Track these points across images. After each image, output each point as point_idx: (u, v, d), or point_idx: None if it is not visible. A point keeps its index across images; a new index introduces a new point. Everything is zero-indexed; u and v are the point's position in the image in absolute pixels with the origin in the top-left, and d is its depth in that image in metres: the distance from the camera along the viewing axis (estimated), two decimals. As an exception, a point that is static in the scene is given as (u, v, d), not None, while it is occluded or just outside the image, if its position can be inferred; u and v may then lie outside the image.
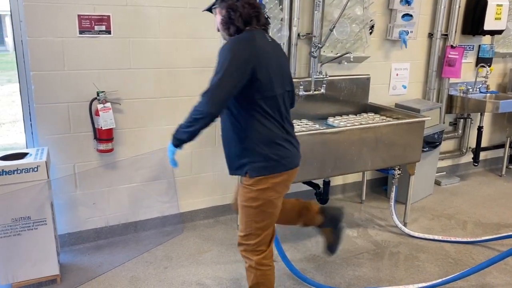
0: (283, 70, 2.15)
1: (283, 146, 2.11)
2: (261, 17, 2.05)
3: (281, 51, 2.21)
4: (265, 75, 1.98)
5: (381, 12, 3.83)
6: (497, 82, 4.79)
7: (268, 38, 2.09)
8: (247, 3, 2.00)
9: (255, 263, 2.20)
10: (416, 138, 3.31)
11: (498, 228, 3.60)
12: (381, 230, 3.51)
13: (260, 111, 2.02)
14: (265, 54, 2.00)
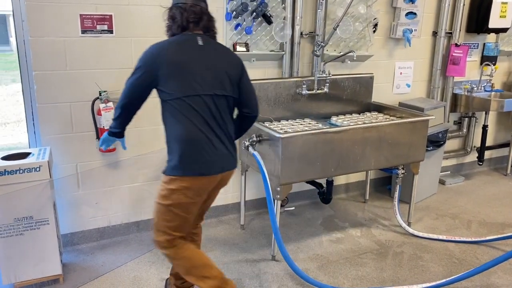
0: (215, 73, 2.09)
1: (203, 149, 2.06)
2: (201, 22, 2.10)
3: (221, 55, 2.15)
4: (176, 77, 2.03)
5: (385, 10, 3.80)
6: (502, 80, 4.75)
7: (200, 41, 2.09)
8: (186, 10, 2.08)
9: (172, 255, 2.24)
10: (420, 137, 3.28)
11: (503, 227, 3.57)
12: (384, 230, 3.49)
13: (173, 110, 2.05)
14: (184, 57, 2.06)
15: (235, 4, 3.13)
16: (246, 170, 3.35)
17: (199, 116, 2.04)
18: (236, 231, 3.42)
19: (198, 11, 2.09)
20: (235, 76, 2.16)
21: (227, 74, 2.12)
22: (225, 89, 2.11)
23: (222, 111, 2.12)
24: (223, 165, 2.16)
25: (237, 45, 3.21)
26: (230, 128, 2.20)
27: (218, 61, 2.12)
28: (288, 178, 2.83)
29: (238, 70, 2.18)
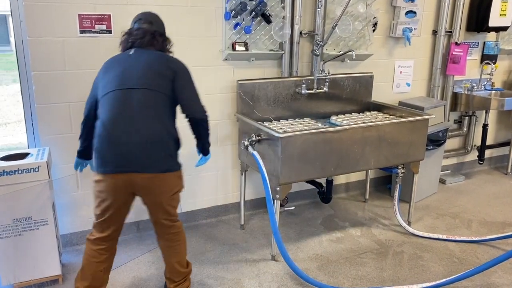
0: (136, 72, 2.19)
1: (105, 145, 2.11)
2: (137, 42, 2.31)
3: (148, 59, 2.25)
4: (104, 81, 2.23)
5: (384, 9, 3.79)
6: (502, 79, 4.74)
7: (131, 52, 2.29)
8: (131, 35, 2.35)
9: (86, 241, 2.33)
10: (420, 136, 3.28)
11: (503, 227, 3.56)
12: (385, 229, 3.48)
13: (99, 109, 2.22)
14: (114, 64, 2.28)
15: (234, 4, 3.12)
16: (246, 169, 3.34)
17: (109, 109, 2.13)
18: (235, 231, 3.41)
19: (140, 33, 2.32)
20: (166, 75, 2.21)
21: (152, 71, 2.19)
22: (146, 84, 2.15)
23: (143, 105, 2.13)
24: (128, 161, 2.11)
25: (236, 44, 3.21)
26: (157, 125, 2.14)
27: (142, 63, 2.22)
28: (288, 178, 2.83)
29: (169, 70, 2.23)
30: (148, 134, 2.11)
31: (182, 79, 2.27)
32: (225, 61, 3.27)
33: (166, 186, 2.23)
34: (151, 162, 2.13)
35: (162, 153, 2.16)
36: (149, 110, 2.14)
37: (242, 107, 3.26)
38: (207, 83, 3.27)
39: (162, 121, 2.17)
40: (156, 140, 2.13)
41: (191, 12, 3.09)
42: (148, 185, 2.17)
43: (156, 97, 2.17)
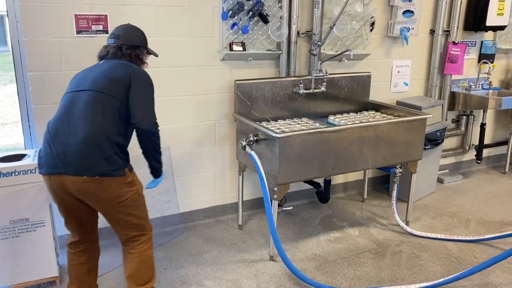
0: (87, 77, 2.17)
1: (45, 145, 2.08)
2: (108, 54, 2.30)
3: (110, 66, 2.22)
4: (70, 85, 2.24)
5: (382, 8, 3.79)
6: (500, 78, 4.74)
7: (99, 61, 2.33)
8: (102, 47, 2.36)
9: None
10: (418, 136, 3.27)
11: (501, 226, 3.56)
12: (383, 229, 3.48)
13: None
14: (84, 71, 2.28)
15: (231, 4, 3.11)
16: (244, 170, 3.33)
17: (57, 113, 2.13)
18: (233, 231, 3.41)
19: (103, 50, 2.34)
20: (122, 81, 2.13)
21: (108, 76, 2.13)
22: (96, 87, 2.10)
23: (88, 106, 2.06)
24: (63, 163, 2.01)
25: (233, 44, 3.20)
26: (97, 127, 2.02)
27: (101, 69, 2.20)
28: (286, 178, 2.82)
29: (126, 77, 2.15)
30: (85, 135, 2.00)
31: (137, 86, 2.15)
32: (222, 61, 3.27)
33: (104, 192, 2.05)
34: (83, 164, 1.99)
35: (97, 156, 2.00)
36: (93, 111, 2.05)
37: (240, 107, 3.25)
38: (205, 83, 3.26)
39: (104, 123, 2.04)
40: (91, 141, 2.00)
41: (188, 12, 3.08)
42: (81, 189, 2.03)
43: (104, 100, 2.07)
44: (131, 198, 2.14)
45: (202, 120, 3.33)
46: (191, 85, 3.22)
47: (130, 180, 2.14)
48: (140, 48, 2.36)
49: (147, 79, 2.24)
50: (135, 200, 2.18)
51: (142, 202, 2.26)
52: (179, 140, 3.28)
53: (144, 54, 2.40)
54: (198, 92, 3.26)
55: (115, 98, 2.09)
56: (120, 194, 2.09)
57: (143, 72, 2.26)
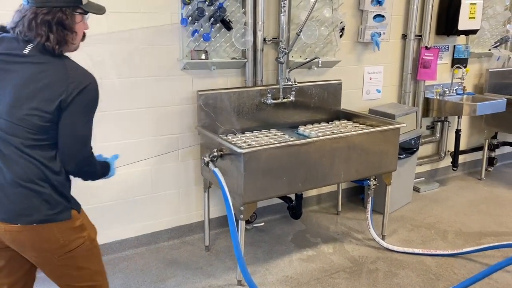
0: (6, 95, 1.58)
1: None
2: (15, 29, 1.60)
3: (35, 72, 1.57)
4: None
5: (351, 13, 3.64)
6: (474, 83, 4.66)
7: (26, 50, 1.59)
8: (15, 14, 1.65)
9: None
10: (391, 146, 3.12)
11: (479, 237, 3.43)
12: (358, 245, 3.30)
13: None
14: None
15: (190, 9, 2.90)
16: (209, 186, 3.11)
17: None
18: (200, 253, 3.17)
19: (15, 18, 1.60)
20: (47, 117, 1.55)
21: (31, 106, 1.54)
22: (20, 120, 1.55)
23: (10, 143, 1.57)
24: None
25: (194, 52, 2.99)
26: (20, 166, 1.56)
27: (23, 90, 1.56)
28: (252, 196, 2.62)
29: (51, 113, 1.55)
30: (14, 176, 1.58)
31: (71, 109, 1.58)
32: (183, 70, 3.05)
33: (45, 242, 1.63)
34: (17, 209, 1.59)
35: (33, 198, 1.59)
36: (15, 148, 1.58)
37: (204, 119, 3.04)
38: (165, 94, 3.03)
39: (34, 161, 1.59)
40: (22, 183, 1.58)
41: (143, 19, 2.85)
42: (15, 239, 1.62)
43: (26, 135, 1.57)
44: (81, 246, 1.69)
45: (163, 134, 3.09)
46: (149, 97, 2.99)
47: (79, 224, 1.70)
48: (64, 10, 1.58)
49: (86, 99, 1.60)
50: (87, 248, 1.72)
51: (95, 251, 1.78)
52: (139, 156, 3.04)
53: (75, 18, 1.62)
54: (158, 104, 3.03)
55: (38, 133, 1.57)
56: (66, 242, 1.65)
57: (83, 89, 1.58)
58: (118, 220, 3.08)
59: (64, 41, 1.60)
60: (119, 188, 3.02)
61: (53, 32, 1.56)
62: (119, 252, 3.11)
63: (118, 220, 3.08)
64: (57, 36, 1.57)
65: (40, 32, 1.54)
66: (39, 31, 1.54)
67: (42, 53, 1.57)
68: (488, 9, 4.33)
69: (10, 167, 1.57)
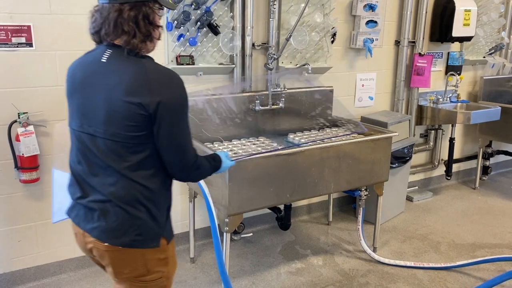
0: (91, 104, 1.48)
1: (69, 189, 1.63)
2: (104, 28, 1.49)
3: (115, 80, 1.43)
4: (69, 105, 1.61)
5: (344, 19, 3.55)
6: (468, 90, 4.59)
7: (104, 57, 1.49)
8: (93, 13, 1.55)
9: None
10: (383, 155, 3.02)
11: (473, 249, 3.34)
12: (348, 257, 3.20)
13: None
14: (76, 80, 1.56)
15: (176, 13, 2.80)
16: (195, 196, 3.01)
17: (75, 152, 1.59)
18: (184, 265, 3.06)
19: (95, 18, 1.52)
20: (142, 104, 1.40)
21: (121, 101, 1.41)
22: (113, 134, 1.45)
23: (106, 158, 1.48)
24: (86, 222, 1.54)
25: (180, 57, 2.89)
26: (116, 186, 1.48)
27: (102, 88, 1.46)
28: (238, 208, 2.51)
29: (145, 95, 1.40)
30: (108, 193, 1.51)
31: (168, 115, 1.45)
32: (168, 76, 2.94)
33: (126, 267, 1.56)
34: (108, 229, 1.52)
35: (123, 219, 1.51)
36: (111, 164, 1.51)
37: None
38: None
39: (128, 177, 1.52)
40: (116, 202, 1.51)
41: (127, 23, 2.75)
42: (101, 255, 1.57)
43: (123, 150, 1.48)
44: (156, 281, 1.58)
45: (147, 142, 2.99)
46: (133, 104, 2.88)
47: (164, 256, 1.57)
48: (148, 4, 1.47)
49: (177, 101, 1.46)
50: (161, 285, 1.61)
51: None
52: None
53: (156, 12, 1.52)
54: (142, 111, 2.92)
55: (134, 143, 1.46)
56: (144, 272, 1.54)
57: (175, 88, 1.46)
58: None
59: (149, 37, 1.50)
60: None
61: (140, 28, 1.45)
62: (100, 264, 2.99)
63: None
64: (144, 32, 1.46)
65: (127, 29, 1.44)
66: (125, 28, 1.43)
67: (121, 58, 1.46)
68: (483, 16, 4.26)
69: (104, 186, 1.49)
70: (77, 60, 1.61)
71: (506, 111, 4.15)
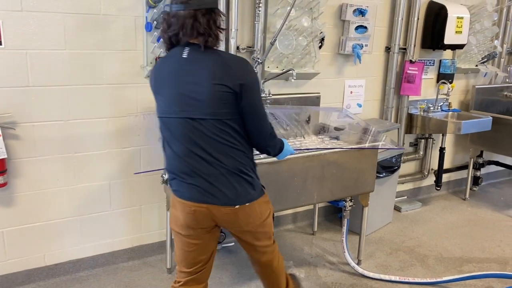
0: (187, 92, 1.77)
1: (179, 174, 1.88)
2: (181, 32, 1.76)
3: (200, 69, 1.75)
4: (160, 96, 1.87)
5: (332, 23, 3.45)
6: (459, 99, 4.50)
7: (185, 53, 1.79)
8: (166, 18, 1.80)
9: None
10: (369, 165, 2.92)
11: (461, 263, 3.24)
12: (332, 269, 3.09)
13: (161, 133, 1.94)
14: (165, 74, 1.85)
15: (156, 13, 2.69)
16: (172, 204, 2.88)
17: (172, 139, 1.87)
18: (161, 275, 2.94)
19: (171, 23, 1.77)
20: (228, 85, 1.73)
21: (213, 84, 1.73)
22: (193, 112, 1.76)
23: (210, 137, 1.79)
24: (205, 196, 1.84)
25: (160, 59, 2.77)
26: (226, 156, 1.81)
27: (199, 74, 1.75)
28: (215, 218, 2.39)
29: (229, 79, 1.73)
30: (220, 167, 1.85)
31: (250, 95, 1.82)
32: (148, 78, 2.83)
33: (252, 218, 1.96)
34: (232, 194, 1.88)
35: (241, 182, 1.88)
36: (214, 142, 1.83)
37: (168, 132, 2.81)
38: (127, 103, 2.81)
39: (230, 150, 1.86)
40: (229, 170, 1.87)
41: (104, 22, 2.63)
42: (231, 220, 1.93)
43: (221, 126, 1.82)
44: (269, 215, 2.03)
45: (124, 146, 2.87)
46: (110, 106, 2.76)
47: (267, 198, 2.03)
48: (215, 11, 1.79)
49: (254, 80, 1.83)
50: (271, 216, 2.06)
51: (272, 218, 2.10)
52: (96, 170, 2.81)
53: (221, 18, 1.83)
54: (119, 114, 2.81)
55: (228, 119, 1.79)
56: (263, 214, 1.97)
57: (251, 71, 1.82)
58: (72, 239, 2.83)
59: (218, 38, 1.80)
60: (74, 203, 2.78)
61: (212, 30, 1.75)
62: (72, 273, 2.86)
63: (72, 239, 2.84)
64: (215, 34, 1.77)
65: (202, 31, 1.72)
66: (201, 31, 1.72)
67: (199, 53, 1.76)
68: (476, 24, 4.18)
69: (223, 160, 1.79)
70: (158, 63, 1.93)
71: (498, 121, 4.06)
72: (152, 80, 1.91)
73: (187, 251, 1.96)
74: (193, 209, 1.84)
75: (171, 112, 1.80)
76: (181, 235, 1.93)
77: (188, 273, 2.00)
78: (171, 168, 1.89)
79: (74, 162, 2.72)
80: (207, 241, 1.98)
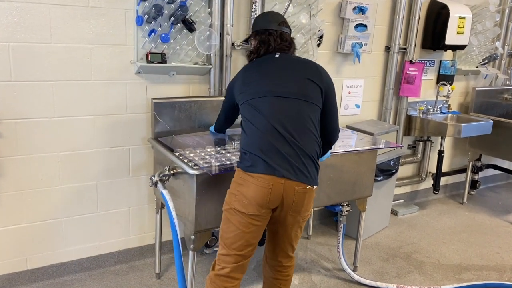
0: (287, 77, 2.08)
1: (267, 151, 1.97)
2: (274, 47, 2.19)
3: (291, 64, 2.14)
4: (246, 87, 2.12)
5: (331, 21, 3.34)
6: (459, 101, 4.41)
7: (277, 54, 2.17)
8: (276, 40, 2.21)
9: (210, 276, 2.09)
10: (367, 169, 2.82)
11: (459, 270, 3.15)
12: (327, 276, 2.99)
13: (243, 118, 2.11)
14: (261, 71, 2.15)
15: (147, 6, 2.56)
16: (162, 207, 2.76)
17: (258, 119, 2.03)
18: (149, 281, 2.82)
19: (281, 41, 2.21)
20: (318, 84, 2.07)
21: (305, 79, 2.07)
22: (299, 94, 2.03)
23: (296, 116, 2.01)
24: (284, 170, 1.93)
25: (150, 55, 2.64)
26: (304, 139, 1.99)
27: (292, 68, 2.12)
28: (206, 224, 2.29)
29: (320, 79, 2.09)
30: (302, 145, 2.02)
31: (331, 92, 2.16)
32: (138, 74, 2.70)
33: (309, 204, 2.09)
34: (308, 173, 2.03)
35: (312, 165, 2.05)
36: (305, 121, 2.05)
37: (158, 131, 2.69)
38: (115, 101, 2.69)
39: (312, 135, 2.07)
40: (307, 151, 2.03)
41: (93, 15, 2.50)
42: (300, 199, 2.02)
43: (313, 109, 2.10)
44: (310, 211, 2.12)
45: (112, 146, 2.74)
46: (97, 103, 2.63)
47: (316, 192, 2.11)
48: (288, 33, 2.28)
49: (332, 84, 2.17)
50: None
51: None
52: (82, 170, 2.68)
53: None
54: (107, 112, 2.68)
55: (318, 106, 2.08)
56: (312, 205, 2.10)
57: (329, 77, 2.16)
58: (56, 241, 2.71)
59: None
60: (59, 204, 2.65)
61: (292, 44, 2.25)
62: (56, 277, 2.74)
63: (56, 241, 2.71)
64: (294, 46, 2.27)
65: (288, 45, 2.22)
66: (287, 44, 2.22)
67: (288, 55, 2.20)
68: (477, 24, 4.08)
69: (302, 142, 1.97)
70: (252, 63, 2.22)
71: (498, 124, 3.98)
72: (243, 76, 2.18)
73: (244, 232, 1.96)
74: (271, 184, 1.90)
75: (263, 92, 2.03)
76: (243, 215, 1.94)
77: (238, 257, 2.00)
78: (252, 146, 1.97)
79: (59, 162, 2.59)
80: (262, 226, 2.01)
